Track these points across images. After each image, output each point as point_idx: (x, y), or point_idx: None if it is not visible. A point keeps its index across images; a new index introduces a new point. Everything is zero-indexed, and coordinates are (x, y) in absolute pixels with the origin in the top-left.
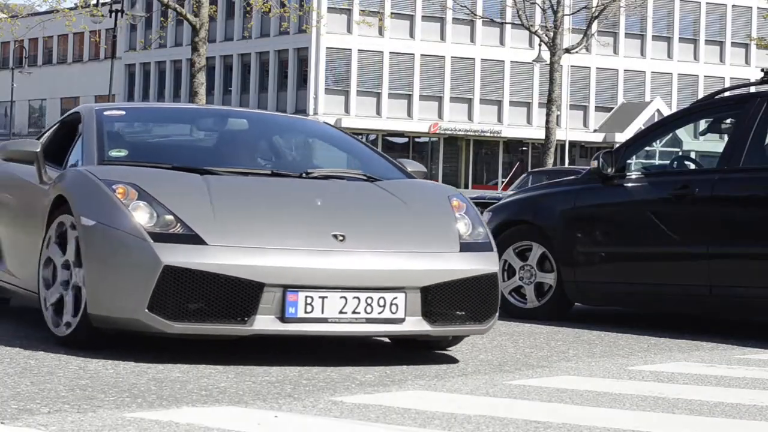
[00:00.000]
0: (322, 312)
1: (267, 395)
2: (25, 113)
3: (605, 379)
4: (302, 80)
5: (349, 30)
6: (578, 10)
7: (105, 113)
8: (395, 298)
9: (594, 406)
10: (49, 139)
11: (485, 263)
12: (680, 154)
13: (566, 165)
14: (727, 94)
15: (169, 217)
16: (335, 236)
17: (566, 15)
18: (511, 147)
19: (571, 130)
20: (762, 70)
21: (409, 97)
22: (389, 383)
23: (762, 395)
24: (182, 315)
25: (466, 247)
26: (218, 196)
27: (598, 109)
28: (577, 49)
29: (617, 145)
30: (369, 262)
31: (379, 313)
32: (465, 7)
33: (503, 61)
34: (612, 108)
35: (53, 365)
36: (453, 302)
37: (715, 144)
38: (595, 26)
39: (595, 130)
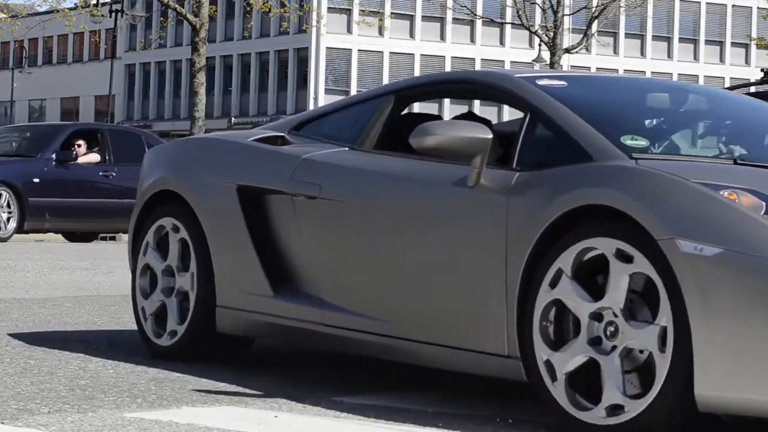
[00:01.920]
0: None
1: (267, 395)
2: (25, 113)
3: None
4: (302, 80)
5: (349, 30)
6: (578, 10)
7: (540, 82)
8: None
9: None
10: (371, 125)
11: None
12: None
13: None
14: (752, 89)
15: None
16: None
17: (566, 15)
18: None
19: None
20: (762, 70)
21: None
22: (389, 383)
23: None
24: None
25: None
26: None
27: None
28: (577, 49)
29: None
30: None
31: None
32: (465, 7)
33: (503, 61)
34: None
35: (53, 365)
36: None
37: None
38: (595, 26)
39: None
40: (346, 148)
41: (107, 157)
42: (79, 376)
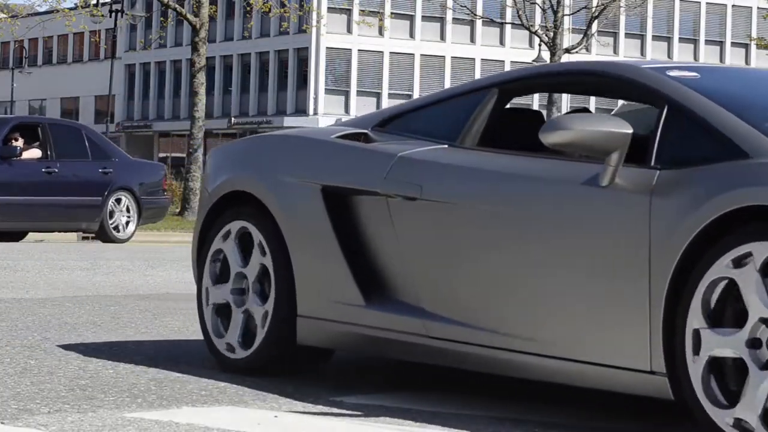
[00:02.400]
0: None
1: (267, 395)
2: (25, 113)
3: None
4: (302, 80)
5: (349, 30)
6: (578, 10)
7: (671, 73)
8: None
9: (591, 405)
10: (473, 121)
11: None
12: None
13: None
14: None
15: None
16: None
17: (566, 15)
18: None
19: None
20: None
21: (409, 97)
22: (389, 383)
23: None
24: None
25: None
26: None
27: (599, 110)
28: (577, 49)
29: None
30: None
31: None
32: (465, 7)
33: (503, 61)
34: (612, 109)
35: (53, 365)
36: None
37: None
38: (595, 26)
39: None
40: (446, 146)
41: (48, 153)
42: (79, 376)
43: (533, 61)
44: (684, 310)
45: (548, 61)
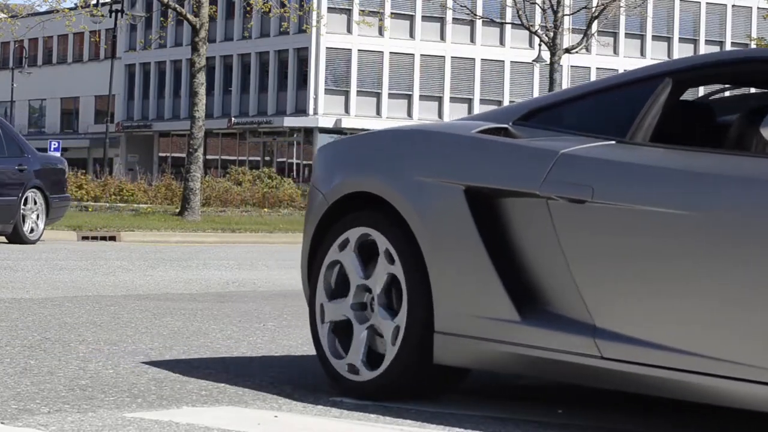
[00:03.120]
0: None
1: (267, 395)
2: (25, 113)
3: None
4: (302, 80)
5: (349, 30)
6: (578, 10)
7: None
8: None
9: (591, 405)
10: (645, 114)
11: None
12: None
13: None
14: (726, 93)
15: None
16: None
17: (566, 15)
18: None
19: None
20: None
21: (409, 97)
22: None
23: None
24: None
25: None
26: None
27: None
28: (577, 49)
29: None
30: None
31: None
32: (465, 7)
33: (503, 61)
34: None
35: (53, 365)
36: None
37: None
38: (595, 26)
39: None
40: (613, 142)
41: None
42: (79, 376)
43: (533, 61)
44: None
45: (548, 61)
